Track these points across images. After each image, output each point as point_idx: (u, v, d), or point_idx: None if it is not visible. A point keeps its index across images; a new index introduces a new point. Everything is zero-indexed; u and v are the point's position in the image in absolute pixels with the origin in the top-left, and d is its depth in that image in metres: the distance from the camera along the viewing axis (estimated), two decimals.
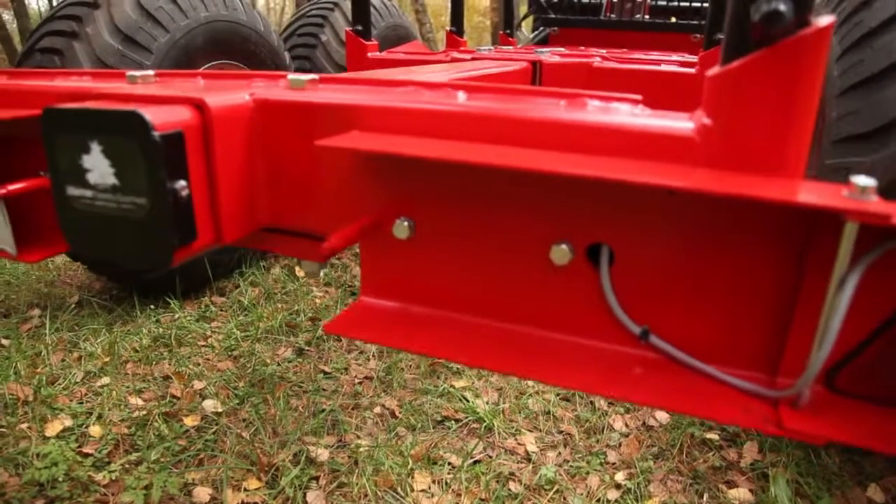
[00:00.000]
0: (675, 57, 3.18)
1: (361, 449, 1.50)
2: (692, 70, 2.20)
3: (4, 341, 1.95)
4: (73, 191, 0.77)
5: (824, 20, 0.58)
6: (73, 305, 2.18)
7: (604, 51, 3.34)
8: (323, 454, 1.48)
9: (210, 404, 1.65)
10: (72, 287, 2.37)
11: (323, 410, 1.65)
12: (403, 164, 0.75)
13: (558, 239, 0.71)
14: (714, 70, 0.63)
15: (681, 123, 0.65)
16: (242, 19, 2.30)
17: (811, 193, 0.54)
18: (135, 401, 1.66)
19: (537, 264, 0.73)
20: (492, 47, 2.41)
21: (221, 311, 2.21)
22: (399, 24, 3.42)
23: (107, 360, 1.84)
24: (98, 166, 0.75)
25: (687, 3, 5.12)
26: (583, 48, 4.30)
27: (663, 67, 2.24)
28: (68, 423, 1.55)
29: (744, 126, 0.62)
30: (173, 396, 1.69)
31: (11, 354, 1.85)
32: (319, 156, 0.81)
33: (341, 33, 3.03)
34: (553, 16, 5.18)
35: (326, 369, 1.85)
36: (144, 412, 1.61)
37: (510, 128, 0.70)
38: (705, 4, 4.75)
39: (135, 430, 1.55)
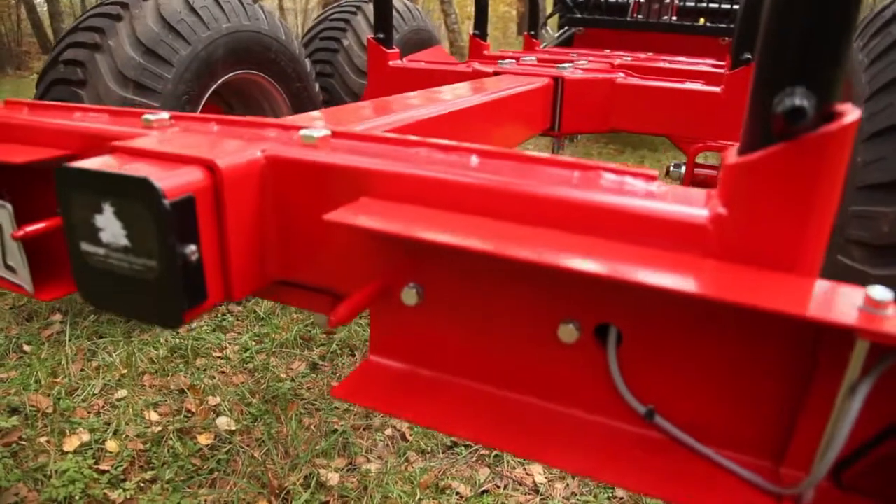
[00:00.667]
0: (701, 66, 3.11)
1: (371, 474, 1.51)
2: (717, 90, 2.15)
3: (26, 347, 2.00)
4: (86, 247, 0.78)
5: (850, 115, 0.56)
6: (93, 312, 2.22)
7: (628, 57, 3.28)
8: (333, 478, 1.50)
9: (224, 422, 1.67)
10: None
11: (335, 431, 1.66)
12: None
13: (566, 317, 0.70)
14: (732, 158, 0.61)
15: (695, 210, 0.63)
16: (264, 29, 2.30)
17: (823, 306, 0.52)
18: (151, 415, 1.70)
19: (544, 339, 0.72)
20: (513, 60, 2.37)
21: (238, 320, 2.24)
22: (422, 27, 3.39)
23: (125, 371, 1.87)
24: (110, 226, 0.75)
25: (716, 5, 5.01)
26: (608, 51, 4.24)
27: (688, 85, 2.20)
28: (86, 437, 1.58)
29: (759, 220, 0.60)
30: (188, 411, 1.72)
31: (33, 362, 1.90)
32: (330, 203, 0.81)
33: (363, 38, 3.02)
34: (579, 16, 5.10)
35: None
36: (160, 428, 1.64)
37: (520, 203, 0.68)
38: (735, 6, 4.64)
39: (150, 446, 1.58)
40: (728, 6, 4.76)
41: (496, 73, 2.25)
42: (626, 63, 3.13)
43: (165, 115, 0.99)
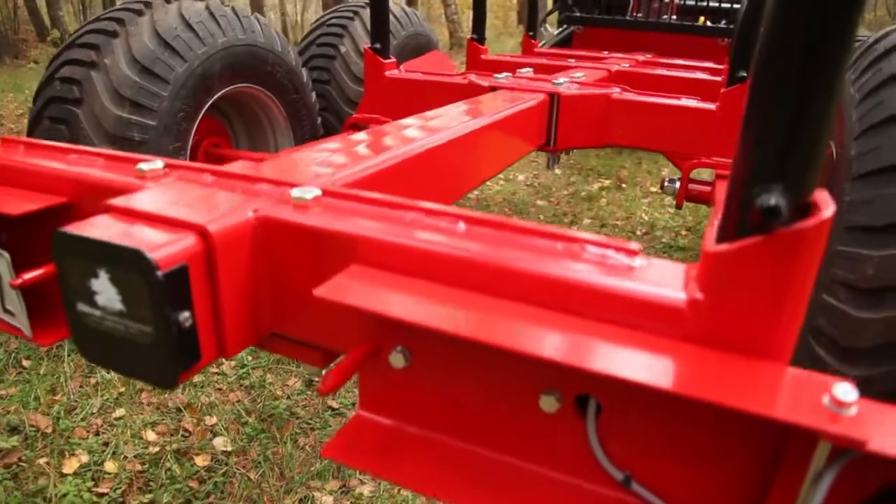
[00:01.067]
0: (699, 74, 3.11)
1: (364, 497, 1.54)
2: (712, 107, 2.16)
3: (25, 362, 2.02)
4: (82, 308, 0.80)
5: (825, 211, 0.57)
6: None
7: (626, 63, 3.27)
8: (327, 501, 1.52)
9: (220, 442, 1.70)
10: None
11: None
12: None
13: (547, 388, 0.72)
14: (711, 246, 0.62)
15: (673, 293, 0.65)
16: (260, 41, 2.29)
17: (789, 404, 0.54)
18: (149, 435, 1.72)
19: (526, 407, 0.74)
20: (508, 74, 2.37)
21: None
22: (419, 32, 3.38)
23: (122, 389, 1.90)
24: (105, 291, 0.77)
25: (716, 4, 4.99)
26: (606, 52, 4.23)
27: (683, 102, 2.20)
28: (85, 458, 1.61)
29: (735, 308, 0.62)
30: (185, 430, 1.75)
31: (32, 378, 1.92)
32: (320, 276, 0.83)
33: (360, 45, 3.01)
34: (578, 14, 5.07)
35: (334, 405, 1.89)
36: (157, 448, 1.67)
37: (501, 278, 0.70)
38: (735, 5, 4.62)
39: (148, 467, 1.60)
40: (728, 5, 4.74)
41: (492, 88, 2.26)
42: (623, 70, 3.13)
43: (159, 164, 1.00)
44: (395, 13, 3.23)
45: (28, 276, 0.99)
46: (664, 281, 0.66)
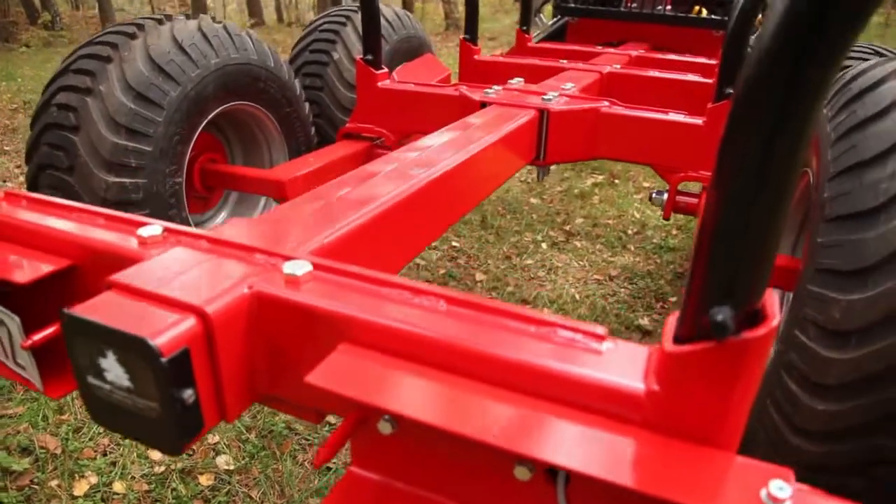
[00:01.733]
0: (690, 76, 3.12)
1: None
2: (699, 121, 2.20)
3: None
4: (91, 380, 0.86)
5: (771, 321, 0.63)
6: None
7: (618, 65, 3.29)
8: None
9: (223, 461, 1.78)
10: None
11: (329, 468, 1.77)
12: None
13: (520, 461, 0.78)
14: (669, 346, 0.68)
15: (633, 383, 0.71)
16: (253, 59, 2.32)
17: (729, 500, 0.61)
18: (154, 454, 1.80)
19: (502, 474, 0.80)
20: (500, 88, 2.40)
21: None
22: (412, 34, 3.39)
23: None
24: (113, 369, 0.83)
25: None
26: (599, 47, 4.24)
27: (671, 117, 2.25)
28: (94, 480, 1.69)
29: (687, 401, 0.68)
30: (189, 449, 1.82)
31: (39, 397, 1.99)
32: (312, 349, 0.88)
33: (353, 51, 3.03)
34: (572, 6, 5.07)
35: (332, 420, 1.97)
36: (163, 468, 1.74)
37: (474, 362, 0.76)
38: None
39: (155, 486, 1.68)
40: None
41: (483, 104, 2.29)
42: (615, 72, 3.16)
43: (158, 229, 1.05)
44: (388, 17, 3.23)
45: (37, 336, 1.05)
46: (627, 368, 0.72)
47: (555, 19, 5.25)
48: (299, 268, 0.90)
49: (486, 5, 22.37)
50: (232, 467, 1.76)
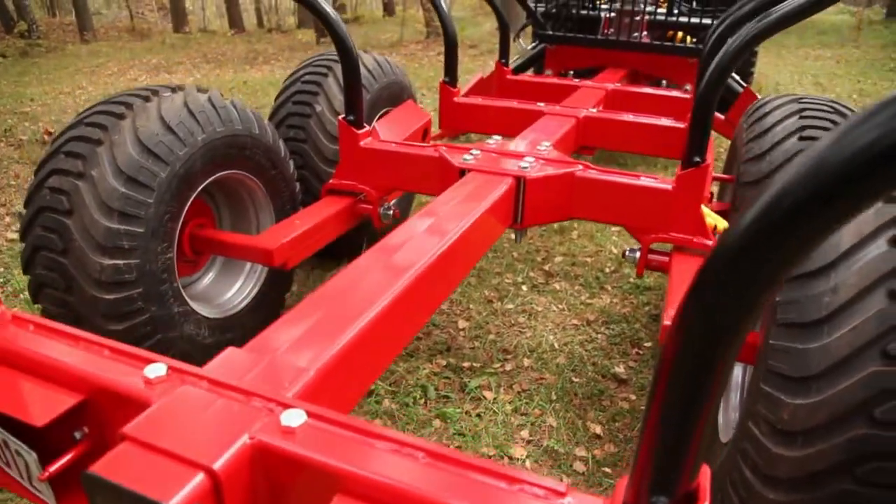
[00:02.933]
0: (663, 120, 3.26)
1: None
2: (668, 186, 2.32)
3: None
4: None
5: (703, 503, 0.74)
6: None
7: (594, 110, 3.41)
8: None
9: None
10: None
11: None
12: None
13: None
14: None
15: None
16: (238, 129, 2.39)
17: None
18: None
19: None
20: (479, 151, 2.50)
21: None
22: (393, 81, 3.48)
23: None
24: None
25: (685, 19, 5.13)
26: (576, 80, 4.37)
27: (642, 181, 2.36)
28: None
29: None
30: None
31: None
32: (309, 496, 0.98)
33: (335, 102, 3.11)
34: (551, 33, 5.21)
35: None
36: None
37: None
38: (705, 20, 4.78)
39: None
40: (697, 20, 4.88)
41: (461, 171, 2.38)
42: (591, 116, 3.29)
43: (163, 369, 1.13)
44: (368, 66, 3.31)
45: (52, 468, 1.13)
46: None
47: (534, 44, 5.39)
48: (295, 419, 1.00)
49: (466, 8, 22.47)
50: None
